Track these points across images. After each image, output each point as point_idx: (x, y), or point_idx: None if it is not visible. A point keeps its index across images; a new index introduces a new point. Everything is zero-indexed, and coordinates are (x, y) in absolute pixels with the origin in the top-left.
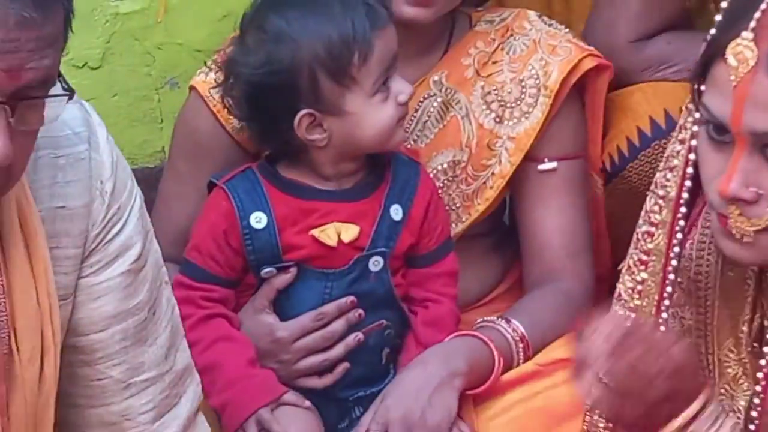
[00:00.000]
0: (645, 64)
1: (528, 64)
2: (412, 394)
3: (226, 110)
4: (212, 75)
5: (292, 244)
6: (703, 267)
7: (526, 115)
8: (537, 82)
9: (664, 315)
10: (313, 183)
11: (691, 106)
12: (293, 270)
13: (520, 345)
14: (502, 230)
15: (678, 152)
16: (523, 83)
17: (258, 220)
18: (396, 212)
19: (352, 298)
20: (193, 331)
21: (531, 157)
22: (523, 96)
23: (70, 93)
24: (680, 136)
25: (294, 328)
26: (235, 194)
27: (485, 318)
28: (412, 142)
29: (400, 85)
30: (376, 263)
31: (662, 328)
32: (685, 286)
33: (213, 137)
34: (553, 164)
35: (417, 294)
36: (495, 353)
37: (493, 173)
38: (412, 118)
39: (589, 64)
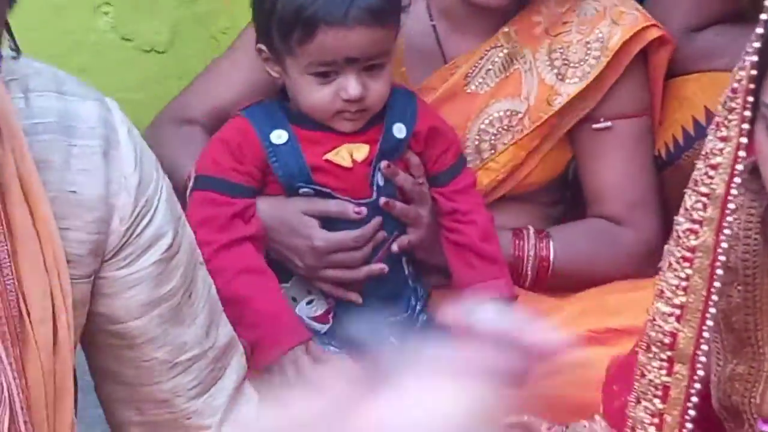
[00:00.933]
0: (698, 54)
1: (596, 27)
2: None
3: None
4: None
5: (315, 166)
6: (751, 246)
7: (587, 75)
8: (601, 44)
9: (712, 310)
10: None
11: (734, 103)
12: (363, 211)
13: (535, 262)
14: (563, 207)
15: (721, 150)
16: (588, 45)
17: (279, 136)
18: (399, 131)
19: (379, 218)
20: (217, 258)
21: (589, 117)
22: (587, 57)
23: (17, 53)
24: (720, 134)
25: (332, 241)
26: (253, 117)
27: (528, 228)
28: (473, 87)
29: (348, 85)
30: (382, 166)
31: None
32: (732, 264)
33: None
34: (608, 123)
35: (445, 206)
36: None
37: (542, 125)
38: (477, 63)
39: (653, 33)
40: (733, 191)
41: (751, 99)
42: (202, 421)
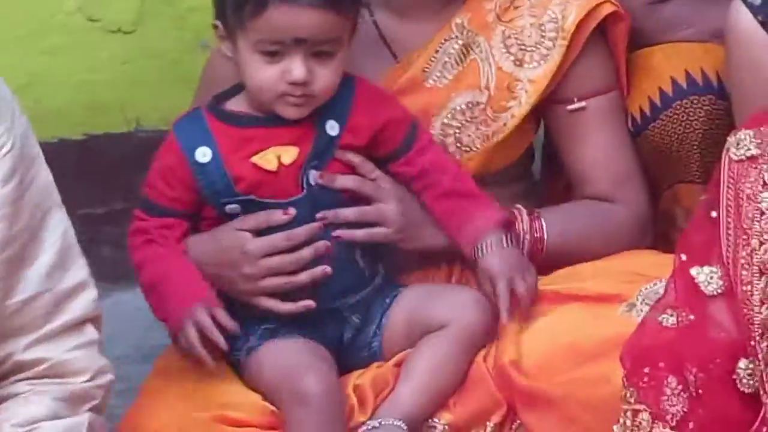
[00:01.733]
0: (661, 25)
1: (548, 9)
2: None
3: None
4: None
5: (240, 175)
6: None
7: (545, 58)
8: (556, 26)
9: None
10: (252, 112)
11: None
12: (292, 212)
13: (527, 236)
14: (531, 179)
15: None
16: (542, 27)
17: (203, 154)
18: (332, 128)
19: (319, 224)
20: (138, 252)
21: (559, 99)
22: (542, 39)
23: None
24: None
25: (265, 244)
26: (181, 133)
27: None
28: (432, 81)
29: (294, 67)
30: (313, 176)
31: None
32: None
33: (230, 82)
34: (582, 103)
35: (411, 172)
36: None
37: (512, 115)
38: (433, 58)
39: (607, 9)
40: None
41: None
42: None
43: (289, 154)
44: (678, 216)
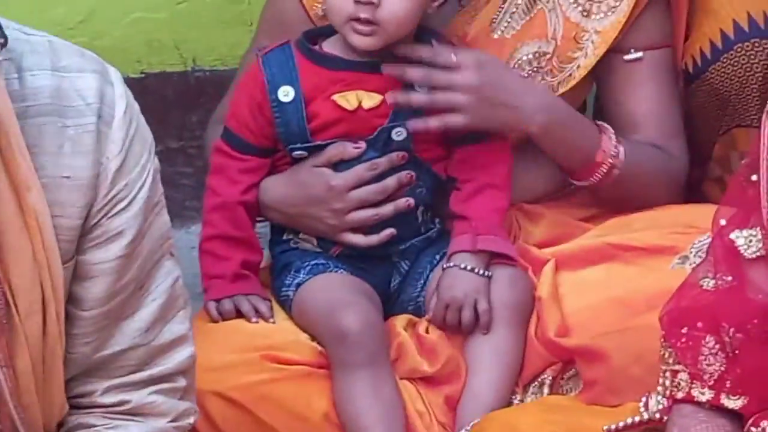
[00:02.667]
0: None
1: None
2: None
3: None
4: None
5: (317, 112)
6: None
7: (613, 9)
8: None
9: None
10: (344, 55)
11: None
12: (362, 145)
13: (618, 151)
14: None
15: None
16: None
17: (286, 93)
18: (420, 86)
19: (403, 153)
20: (210, 213)
21: (617, 49)
22: None
23: (3, 42)
24: None
25: (349, 177)
26: (268, 68)
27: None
28: (499, 32)
29: None
30: (398, 133)
31: None
32: None
33: (296, 20)
34: (639, 54)
35: (463, 173)
36: (598, 142)
37: (578, 65)
38: (500, 8)
39: None
40: None
41: None
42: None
43: (372, 100)
44: (733, 160)
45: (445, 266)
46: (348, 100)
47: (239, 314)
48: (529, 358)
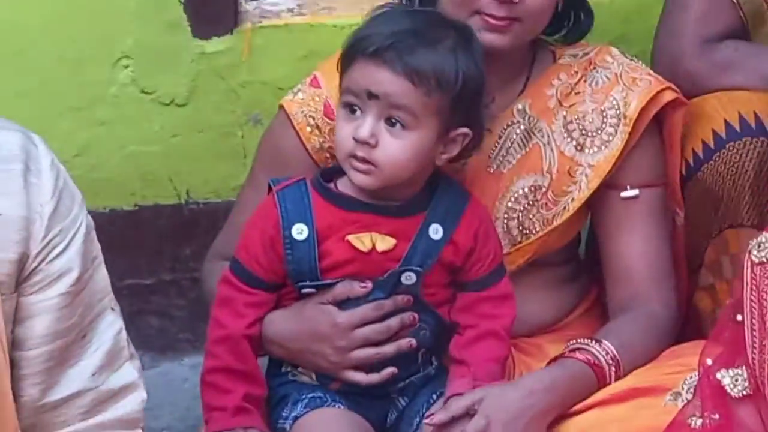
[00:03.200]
0: (714, 68)
1: (609, 95)
2: (512, 418)
3: (308, 129)
4: (300, 95)
5: (330, 251)
6: None
7: (606, 144)
8: (617, 112)
9: None
10: (358, 196)
11: None
12: (369, 285)
13: (612, 368)
14: (578, 261)
15: None
16: (604, 113)
17: (300, 231)
18: (436, 232)
19: (409, 297)
20: (214, 345)
21: (613, 185)
22: (603, 125)
23: None
24: None
25: (355, 315)
26: (283, 204)
27: (578, 340)
28: (495, 167)
29: (362, 125)
30: (408, 278)
31: None
32: None
33: (293, 153)
34: (635, 192)
35: (465, 319)
36: (596, 377)
37: (573, 198)
38: (497, 143)
39: (668, 96)
40: None
41: None
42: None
43: (385, 243)
44: (725, 266)
45: (441, 407)
46: (363, 241)
47: None
48: None
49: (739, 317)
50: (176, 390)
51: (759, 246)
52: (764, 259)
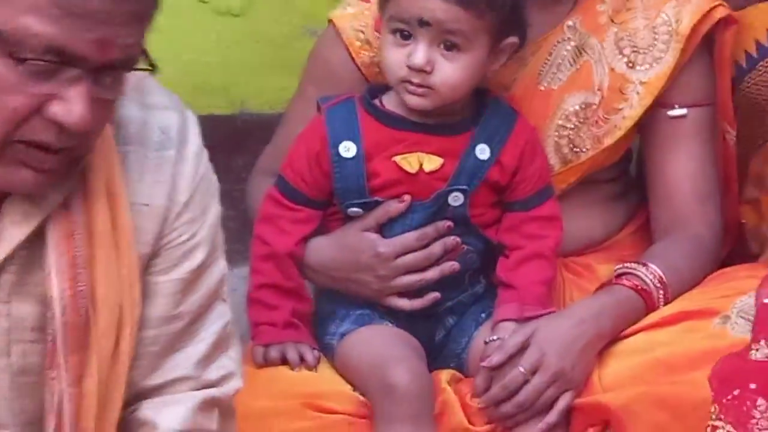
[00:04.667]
0: None
1: (661, 11)
2: (565, 347)
3: (358, 43)
4: (350, 9)
5: (377, 171)
6: None
7: (658, 61)
8: (669, 28)
9: None
10: (407, 115)
11: None
12: (407, 198)
13: (661, 291)
14: (628, 179)
15: None
16: (655, 30)
17: (347, 149)
18: (482, 152)
19: (449, 222)
20: (258, 262)
21: (661, 103)
22: (655, 42)
23: (152, 68)
24: None
25: (397, 244)
26: (331, 121)
27: (624, 264)
28: (546, 84)
29: (415, 51)
30: (455, 198)
31: None
32: None
33: (342, 68)
34: (683, 111)
35: (511, 240)
36: (644, 302)
37: (624, 117)
38: (547, 60)
39: (720, 13)
40: None
41: None
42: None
43: (432, 163)
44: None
45: (488, 340)
46: (410, 162)
47: (284, 361)
48: (573, 422)
49: None
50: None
51: None
52: None
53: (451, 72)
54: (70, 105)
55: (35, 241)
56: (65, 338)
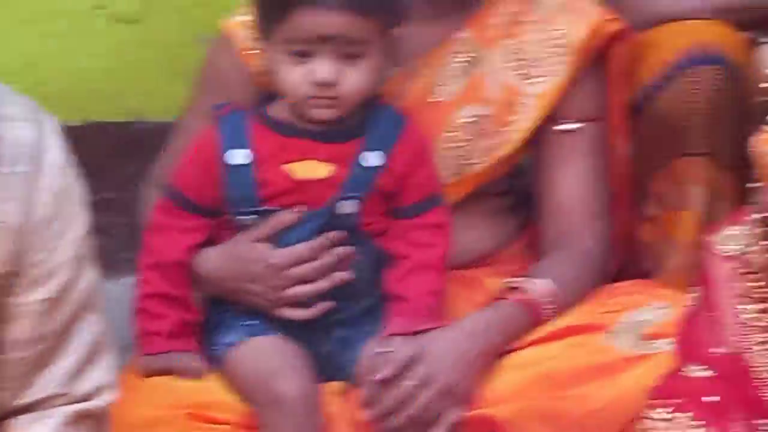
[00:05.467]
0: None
1: (554, 25)
2: (455, 361)
3: (249, 51)
4: (242, 17)
5: (267, 179)
6: None
7: (550, 74)
8: (562, 42)
9: None
10: (295, 121)
11: None
12: (299, 210)
13: (549, 305)
14: (519, 193)
15: None
16: (548, 43)
17: (237, 156)
18: (372, 158)
19: (341, 232)
20: (147, 271)
21: (553, 117)
22: (548, 55)
23: None
24: None
25: (288, 255)
26: (222, 129)
27: (513, 278)
28: (437, 96)
29: (319, 67)
30: (347, 206)
31: None
32: None
33: (234, 75)
34: (574, 125)
35: (398, 248)
36: (533, 316)
37: (515, 129)
38: (438, 72)
39: (612, 27)
40: None
41: None
42: None
43: (322, 171)
44: (671, 195)
45: (378, 352)
46: (300, 169)
47: (170, 371)
48: None
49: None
50: (114, 308)
51: (723, 240)
52: (732, 253)
53: (356, 79)
54: None
55: None
56: None
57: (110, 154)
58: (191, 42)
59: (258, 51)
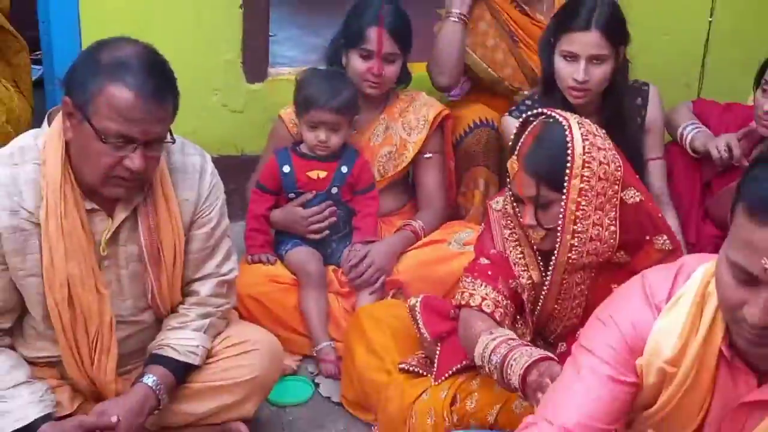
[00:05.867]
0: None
1: (421, 110)
2: (384, 254)
3: (291, 124)
4: (288, 109)
5: (300, 178)
6: None
7: (418, 133)
8: (424, 117)
9: None
10: (311, 153)
11: None
12: (313, 192)
13: (421, 232)
14: (407, 185)
15: None
16: (418, 119)
17: (286, 169)
18: (344, 168)
19: (332, 202)
20: (250, 219)
21: (421, 151)
22: (418, 125)
23: (173, 140)
24: None
25: (310, 212)
26: (279, 158)
27: (407, 220)
28: (372, 142)
29: (324, 135)
30: (334, 191)
31: None
32: None
33: (284, 134)
34: (430, 155)
35: (358, 207)
36: (415, 236)
37: (406, 157)
38: (374, 131)
39: (445, 111)
40: None
41: None
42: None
43: (323, 174)
44: (472, 183)
45: (349, 251)
46: (313, 174)
47: (260, 261)
48: (385, 287)
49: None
50: (236, 236)
51: (497, 202)
52: (499, 208)
53: (338, 140)
54: (133, 161)
55: (132, 218)
56: (151, 259)
57: (235, 170)
58: (268, 120)
59: (295, 124)
